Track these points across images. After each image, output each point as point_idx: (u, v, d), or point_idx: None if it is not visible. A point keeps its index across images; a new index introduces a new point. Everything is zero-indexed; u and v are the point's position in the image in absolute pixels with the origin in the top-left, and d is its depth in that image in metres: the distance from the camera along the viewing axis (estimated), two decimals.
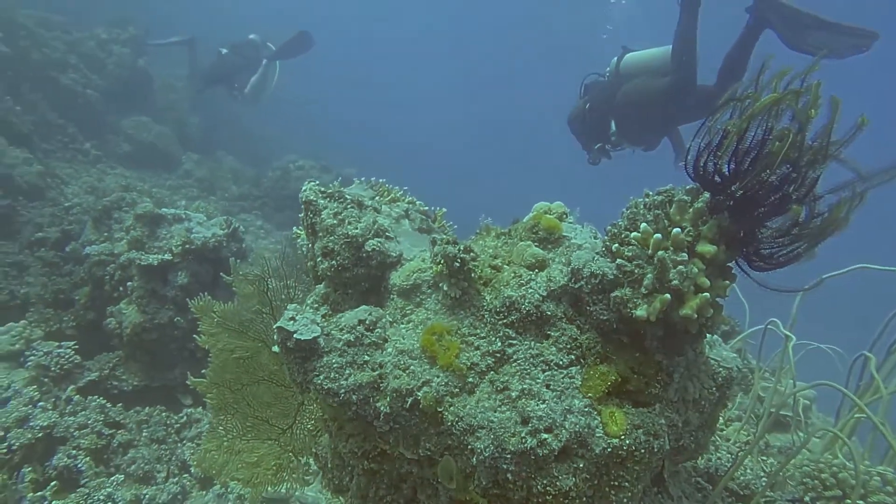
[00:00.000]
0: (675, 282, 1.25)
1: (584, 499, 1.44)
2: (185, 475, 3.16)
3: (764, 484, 2.08)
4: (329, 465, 2.01)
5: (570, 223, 1.84)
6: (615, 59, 4.47)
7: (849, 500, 1.64)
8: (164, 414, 3.74)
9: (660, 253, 1.26)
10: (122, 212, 4.56)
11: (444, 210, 2.52)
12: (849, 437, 1.94)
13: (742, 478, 2.12)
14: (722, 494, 2.04)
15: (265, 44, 10.23)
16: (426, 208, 2.41)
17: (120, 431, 3.41)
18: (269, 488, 2.02)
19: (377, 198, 2.44)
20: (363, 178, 2.61)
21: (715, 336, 1.88)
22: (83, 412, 3.17)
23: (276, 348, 1.58)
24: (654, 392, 1.45)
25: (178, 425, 3.70)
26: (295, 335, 1.51)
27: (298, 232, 2.33)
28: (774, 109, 1.29)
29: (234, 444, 2.05)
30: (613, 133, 4.33)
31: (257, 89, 9.65)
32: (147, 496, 2.74)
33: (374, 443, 1.73)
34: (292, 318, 1.54)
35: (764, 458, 2.33)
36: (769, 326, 2.47)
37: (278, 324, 1.55)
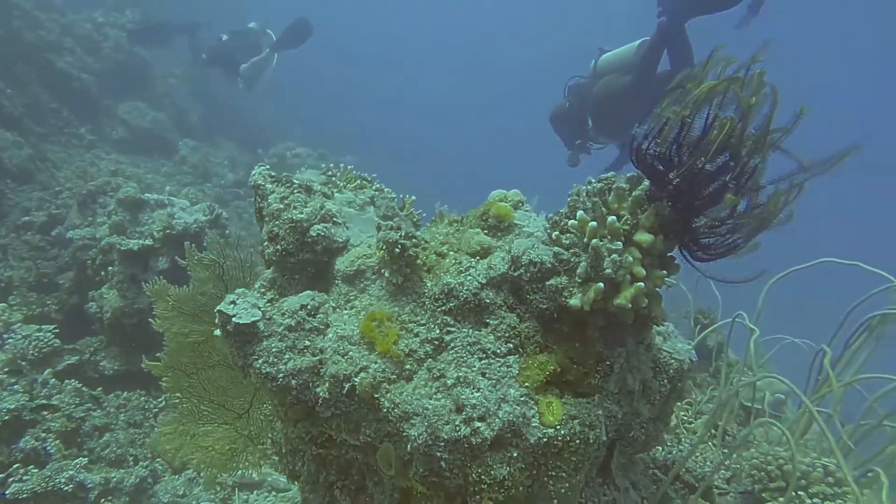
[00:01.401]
0: (609, 271, 1.23)
1: (521, 488, 1.42)
2: (158, 459, 3.17)
3: (717, 476, 2.07)
4: (283, 451, 2.01)
5: (526, 211, 1.81)
6: (594, 60, 4.84)
7: (795, 492, 1.62)
8: (142, 398, 3.76)
9: (594, 241, 1.23)
10: (107, 196, 4.56)
11: (413, 198, 2.49)
12: (805, 430, 1.92)
13: (699, 470, 2.10)
14: (676, 486, 2.03)
15: (265, 31, 10.21)
16: (394, 195, 2.39)
17: (96, 415, 3.42)
18: (223, 474, 2.02)
19: (342, 184, 2.42)
20: (333, 164, 2.58)
21: (670, 327, 1.86)
22: (57, 395, 3.18)
23: (217, 332, 1.57)
24: (594, 383, 1.43)
25: (157, 410, 3.71)
26: (234, 318, 1.50)
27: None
28: (720, 98, 1.25)
29: (190, 427, 2.05)
30: (590, 129, 4.60)
31: (255, 71, 9.65)
32: (115, 479, 2.76)
33: (321, 428, 1.72)
34: (233, 302, 1.53)
35: (725, 451, 2.31)
36: (738, 320, 2.44)
37: (218, 307, 1.53)
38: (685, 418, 2.71)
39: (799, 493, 1.63)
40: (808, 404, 1.45)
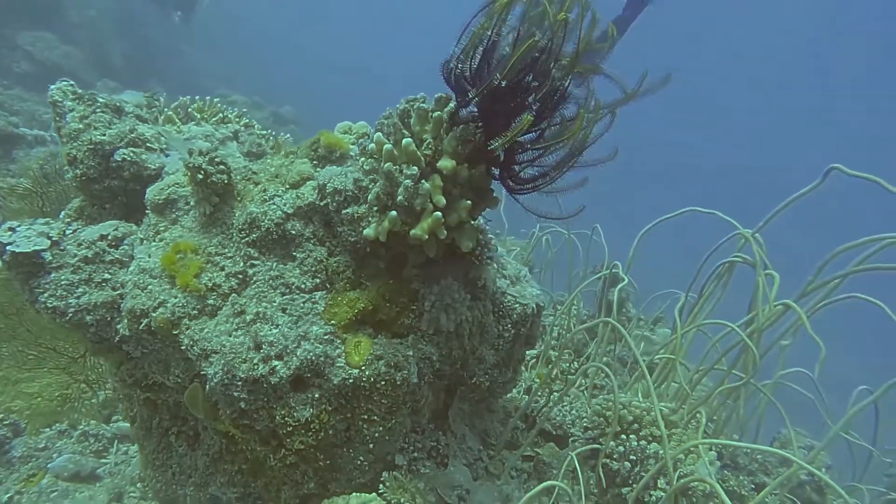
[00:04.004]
0: (401, 198, 1.13)
1: (332, 431, 1.36)
2: None
3: (574, 424, 2.08)
4: (120, 396, 1.88)
5: None
6: None
7: (626, 435, 1.64)
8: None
9: (386, 165, 1.13)
10: None
11: (288, 136, 2.33)
12: (666, 376, 1.95)
13: (558, 418, 2.12)
14: (530, 435, 2.03)
15: None
16: (265, 132, 2.22)
17: None
18: (48, 420, 1.87)
19: (199, 115, 2.21)
20: (199, 97, 2.37)
21: (523, 271, 1.81)
22: None
23: None
24: (407, 322, 1.36)
25: None
26: (9, 247, 1.32)
27: None
28: (539, 17, 1.15)
29: (11, 373, 1.87)
30: None
31: None
32: None
33: (143, 370, 1.60)
34: (11, 229, 1.35)
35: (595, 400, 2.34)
36: (614, 270, 2.44)
37: None
38: (568, 368, 2.73)
39: (630, 435, 1.65)
40: (637, 355, 1.43)
